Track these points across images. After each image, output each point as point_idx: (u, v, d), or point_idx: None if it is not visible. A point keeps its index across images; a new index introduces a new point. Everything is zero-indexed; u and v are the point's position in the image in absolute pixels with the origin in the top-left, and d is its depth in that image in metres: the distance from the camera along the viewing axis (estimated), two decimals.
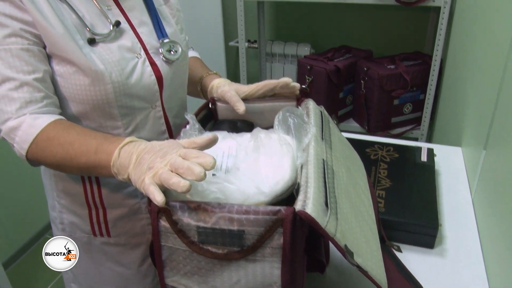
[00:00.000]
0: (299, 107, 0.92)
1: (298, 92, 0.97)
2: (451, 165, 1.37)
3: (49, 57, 0.89)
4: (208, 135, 0.74)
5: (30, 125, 0.84)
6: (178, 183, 0.63)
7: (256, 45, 2.73)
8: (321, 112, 0.90)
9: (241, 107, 0.94)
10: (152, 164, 0.70)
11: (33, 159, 0.87)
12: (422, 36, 2.54)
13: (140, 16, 0.99)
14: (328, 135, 0.86)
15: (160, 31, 1.01)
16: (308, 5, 2.32)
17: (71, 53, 0.86)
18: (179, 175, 0.64)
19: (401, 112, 2.29)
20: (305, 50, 2.61)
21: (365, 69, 2.22)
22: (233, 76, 2.89)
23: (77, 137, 0.83)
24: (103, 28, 0.92)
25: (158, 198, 0.64)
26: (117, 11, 0.96)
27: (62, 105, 0.92)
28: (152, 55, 0.98)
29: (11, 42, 0.84)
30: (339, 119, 2.39)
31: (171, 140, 0.76)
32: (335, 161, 0.80)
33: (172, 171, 0.66)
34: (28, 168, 0.89)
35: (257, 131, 0.84)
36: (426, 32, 2.53)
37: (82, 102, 0.90)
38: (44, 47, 0.87)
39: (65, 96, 0.91)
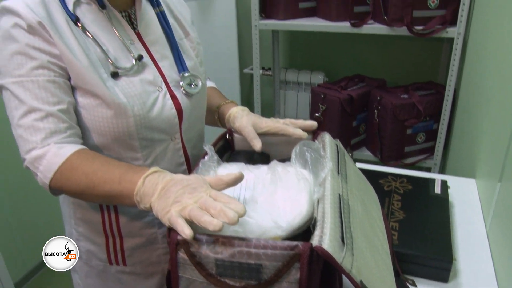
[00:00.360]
0: (316, 141, 0.94)
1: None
2: (465, 198, 1.37)
3: (73, 89, 0.92)
4: (234, 174, 0.76)
5: (54, 154, 0.86)
6: (211, 222, 0.65)
7: (270, 73, 2.77)
8: (337, 146, 0.92)
9: (257, 144, 0.97)
10: (180, 198, 0.71)
11: (56, 188, 0.89)
12: (435, 66, 2.56)
13: (161, 50, 1.02)
14: (344, 169, 0.87)
15: (180, 65, 1.04)
16: (322, 34, 2.35)
17: (95, 86, 0.89)
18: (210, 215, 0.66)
19: (414, 141, 2.29)
20: (319, 78, 2.63)
21: (379, 98, 2.23)
22: (247, 102, 2.93)
23: (101, 166, 0.86)
24: (126, 62, 0.95)
25: (187, 231, 0.66)
26: (140, 45, 0.99)
27: (84, 136, 0.94)
28: (172, 88, 1.01)
29: (39, 73, 0.87)
30: (352, 148, 2.40)
31: (198, 176, 0.78)
32: (350, 196, 0.81)
33: (202, 209, 0.68)
34: (44, 191, 0.91)
35: (274, 164, 0.86)
36: (439, 62, 2.54)
37: (104, 134, 0.93)
38: (69, 79, 0.90)
39: (88, 127, 0.93)
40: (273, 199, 0.75)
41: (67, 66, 0.89)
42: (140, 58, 0.96)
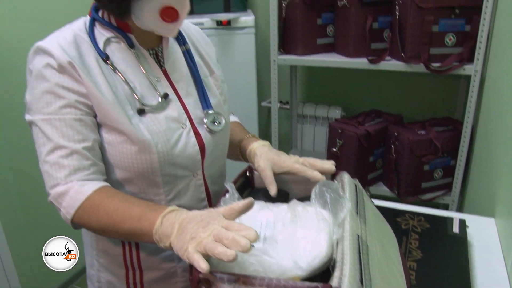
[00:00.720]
0: (335, 181, 0.95)
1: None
2: (484, 237, 1.36)
3: (99, 126, 0.95)
4: (244, 200, 0.78)
5: (77, 191, 0.89)
6: (225, 253, 0.66)
7: (288, 106, 2.80)
8: (356, 186, 0.93)
9: (273, 190, 1.00)
10: (195, 234, 0.73)
11: (79, 224, 0.91)
12: (452, 102, 2.56)
13: (186, 87, 1.06)
14: (362, 209, 0.88)
15: (205, 102, 1.07)
16: (340, 70, 2.38)
17: (120, 123, 0.92)
18: (224, 246, 0.68)
19: (431, 177, 2.29)
20: (336, 112, 2.66)
21: (396, 134, 2.24)
22: (265, 135, 2.95)
23: (121, 205, 0.88)
24: (152, 99, 0.98)
25: (203, 265, 0.67)
26: (166, 82, 1.03)
27: (107, 171, 0.97)
28: (196, 125, 1.04)
29: (66, 112, 0.90)
30: (369, 183, 2.40)
31: (211, 210, 0.80)
32: (369, 236, 0.82)
33: (216, 241, 0.69)
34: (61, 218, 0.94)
35: (294, 203, 0.87)
36: (456, 98, 2.55)
37: (128, 169, 0.96)
38: (95, 116, 0.94)
39: (112, 162, 0.96)
40: (293, 239, 0.77)
41: (94, 103, 0.92)
42: (165, 96, 1.00)
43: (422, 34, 2.01)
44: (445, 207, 2.35)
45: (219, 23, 2.36)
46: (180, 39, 1.10)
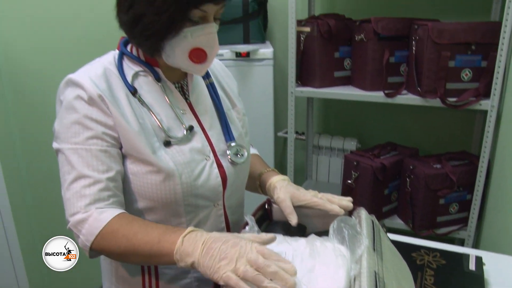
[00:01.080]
0: (352, 217, 0.97)
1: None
2: (502, 276, 1.35)
3: (124, 157, 0.98)
4: (270, 234, 0.82)
5: (96, 219, 0.92)
6: None
7: (303, 137, 2.83)
8: (373, 222, 0.95)
9: (293, 220, 1.02)
10: (225, 255, 0.76)
11: (98, 250, 0.94)
12: (468, 136, 2.57)
13: (210, 119, 1.09)
14: (379, 245, 0.90)
15: (228, 135, 1.10)
16: (356, 102, 2.41)
17: (146, 154, 0.95)
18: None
19: (447, 211, 2.28)
20: (351, 144, 2.67)
21: (411, 167, 2.25)
22: (280, 165, 2.97)
23: (140, 229, 0.91)
24: (177, 131, 1.02)
25: None
26: (191, 115, 1.07)
27: (131, 200, 1.00)
28: (219, 157, 1.07)
29: (93, 143, 0.94)
30: (383, 216, 2.40)
31: (233, 233, 0.84)
32: (386, 273, 0.83)
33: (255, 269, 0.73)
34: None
35: (312, 238, 0.89)
36: (472, 132, 2.55)
37: (151, 199, 0.99)
38: (120, 148, 0.97)
39: (135, 192, 0.99)
40: (312, 275, 0.78)
41: (121, 135, 0.96)
42: (191, 128, 1.04)
43: (439, 69, 2.03)
44: (461, 242, 2.33)
45: (238, 54, 2.41)
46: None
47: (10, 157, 2.10)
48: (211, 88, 1.14)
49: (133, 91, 1.00)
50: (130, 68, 1.03)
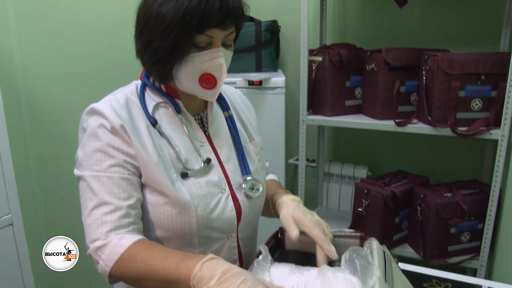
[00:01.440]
0: (364, 247, 0.98)
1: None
2: None
3: (142, 186, 1.01)
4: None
5: (116, 244, 0.94)
6: None
7: (314, 164, 2.85)
8: (384, 253, 0.96)
9: (292, 235, 1.00)
10: None
11: (117, 276, 0.95)
12: (479, 164, 2.56)
13: (228, 152, 1.11)
14: (390, 276, 0.91)
15: (244, 168, 1.12)
16: (366, 130, 2.43)
17: (164, 185, 0.98)
18: None
19: (458, 240, 2.27)
20: (362, 172, 2.68)
21: (422, 196, 2.25)
22: (291, 192, 2.97)
23: (159, 254, 0.92)
24: (195, 163, 1.04)
25: None
26: (209, 147, 1.09)
27: (147, 229, 1.02)
28: (235, 190, 1.08)
29: (115, 171, 0.97)
30: (394, 244, 2.39)
31: (253, 274, 0.84)
32: None
33: None
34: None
35: (324, 268, 0.90)
36: (483, 161, 2.55)
37: (167, 230, 1.01)
38: (140, 177, 1.00)
39: (152, 221, 1.01)
40: None
41: (141, 165, 0.98)
42: (208, 161, 1.06)
43: (449, 99, 2.05)
44: (473, 271, 2.31)
45: (251, 82, 2.45)
46: (224, 105, 1.16)
47: (28, 187, 2.13)
48: (230, 121, 1.16)
49: (154, 122, 1.03)
50: (152, 99, 1.07)
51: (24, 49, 1.79)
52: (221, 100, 1.18)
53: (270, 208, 1.22)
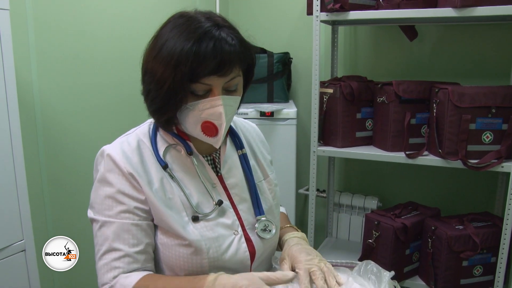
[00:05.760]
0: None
1: None
2: None
3: (155, 226, 1.02)
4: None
5: (121, 284, 0.95)
6: None
7: (324, 195, 2.85)
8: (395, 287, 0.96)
9: (287, 276, 0.98)
10: None
11: None
12: (491, 197, 2.55)
13: (240, 193, 1.10)
14: None
15: (257, 208, 1.11)
16: (377, 162, 2.44)
17: (174, 228, 0.99)
18: None
19: (470, 274, 2.24)
20: (372, 203, 2.68)
21: (433, 228, 2.24)
22: (300, 222, 2.98)
23: (167, 282, 0.96)
24: (207, 206, 1.04)
25: None
26: (221, 188, 1.08)
27: (159, 268, 1.03)
28: (248, 231, 1.08)
29: (125, 217, 0.98)
30: (405, 276, 2.37)
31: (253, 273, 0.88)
32: None
33: None
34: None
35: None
36: (495, 193, 2.53)
37: (179, 270, 1.01)
38: (152, 220, 1.01)
39: (164, 261, 1.02)
40: None
41: (152, 208, 0.99)
42: (220, 203, 1.05)
43: (460, 131, 2.06)
44: None
45: (263, 113, 2.48)
46: (238, 143, 1.15)
47: (42, 217, 2.15)
48: (243, 159, 1.14)
49: (164, 166, 1.03)
50: (164, 141, 1.07)
51: (43, 82, 1.83)
52: (235, 137, 1.16)
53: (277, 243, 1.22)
